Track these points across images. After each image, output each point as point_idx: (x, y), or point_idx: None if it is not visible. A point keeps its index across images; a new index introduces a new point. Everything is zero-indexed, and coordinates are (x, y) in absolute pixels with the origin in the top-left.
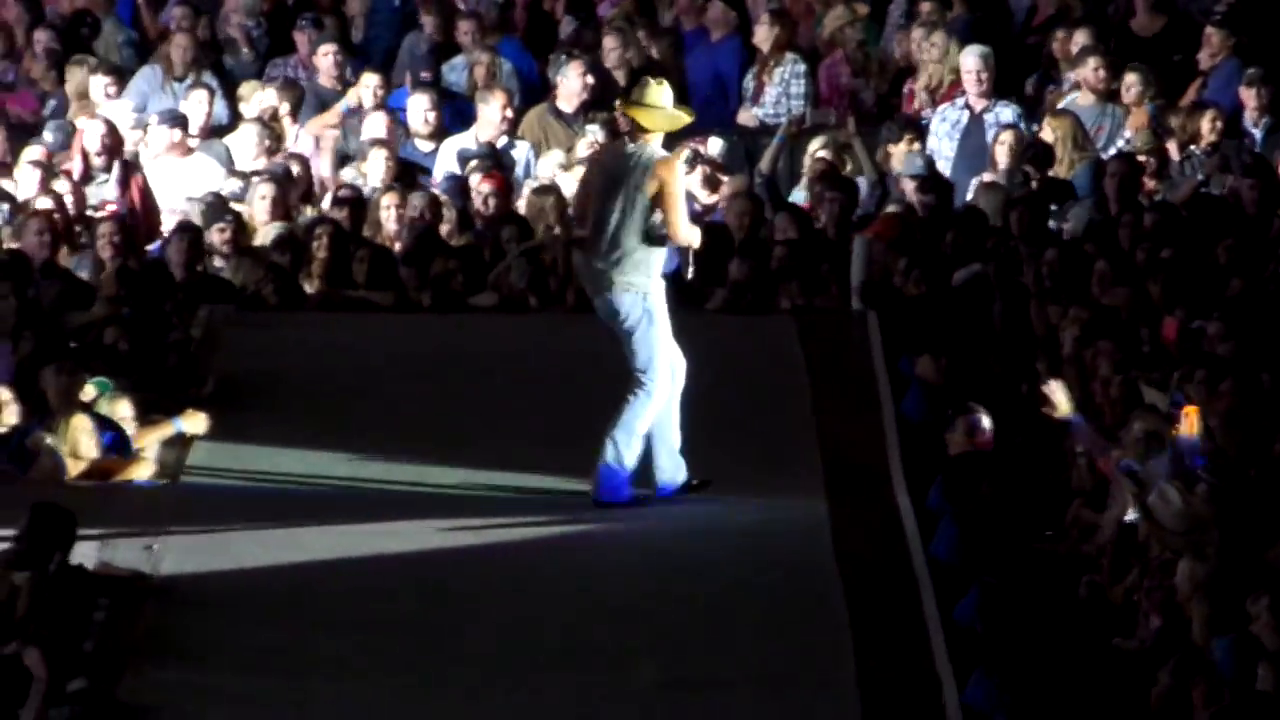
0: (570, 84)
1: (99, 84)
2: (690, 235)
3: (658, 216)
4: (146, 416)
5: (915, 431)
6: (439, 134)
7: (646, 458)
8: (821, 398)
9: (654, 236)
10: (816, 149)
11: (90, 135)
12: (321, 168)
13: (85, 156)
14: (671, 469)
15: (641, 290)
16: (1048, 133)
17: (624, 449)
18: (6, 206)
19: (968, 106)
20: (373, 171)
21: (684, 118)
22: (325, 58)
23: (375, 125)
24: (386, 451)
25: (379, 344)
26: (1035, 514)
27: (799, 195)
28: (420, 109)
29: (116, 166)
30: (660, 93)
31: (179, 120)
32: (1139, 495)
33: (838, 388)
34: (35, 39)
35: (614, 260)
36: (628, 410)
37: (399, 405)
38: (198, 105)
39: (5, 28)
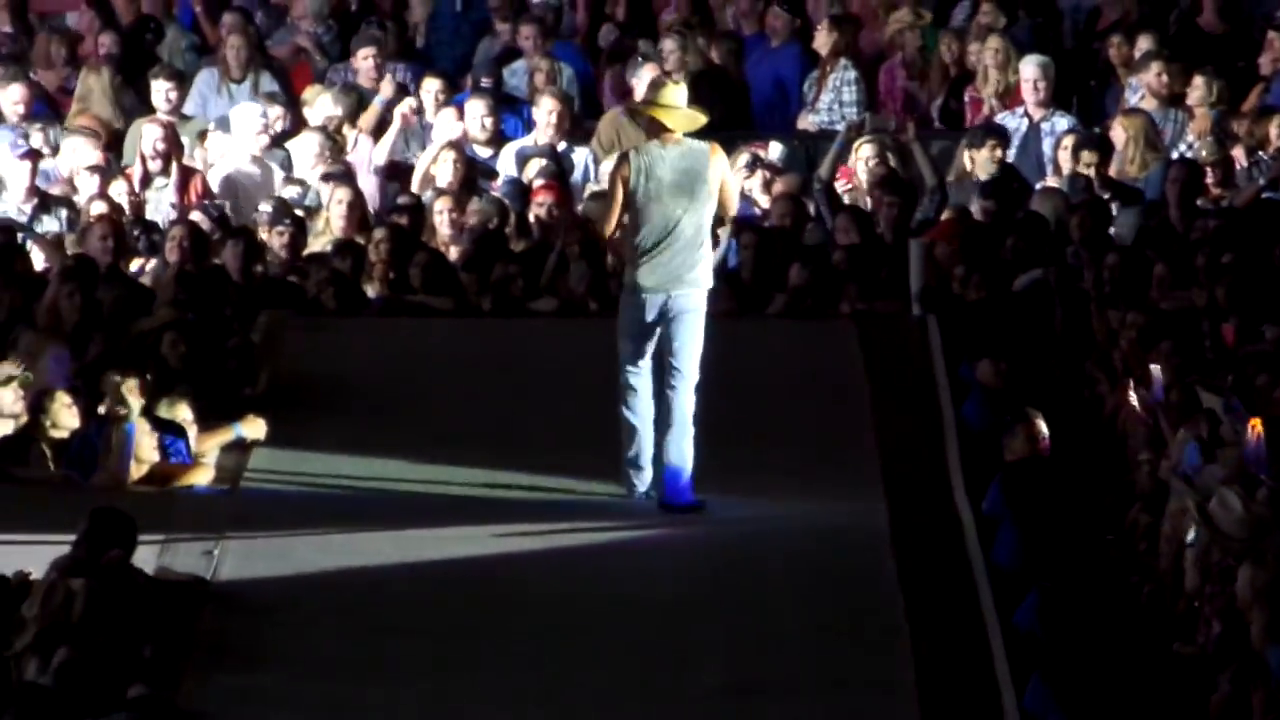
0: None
1: (160, 88)
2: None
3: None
4: (206, 422)
5: (975, 437)
6: (496, 140)
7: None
8: (881, 402)
9: (713, 230)
10: (868, 155)
11: (148, 139)
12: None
13: (144, 161)
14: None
15: (709, 287)
16: (1118, 132)
17: (687, 449)
18: (65, 212)
19: (1026, 115)
20: (441, 173)
21: (701, 117)
22: (365, 60)
23: (446, 126)
24: (446, 455)
25: (439, 348)
26: (1095, 519)
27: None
28: (477, 114)
29: (175, 170)
30: (676, 92)
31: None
32: (1199, 502)
33: (897, 392)
34: (100, 43)
35: (685, 259)
36: (681, 409)
37: (459, 410)
38: (252, 112)
39: (71, 35)
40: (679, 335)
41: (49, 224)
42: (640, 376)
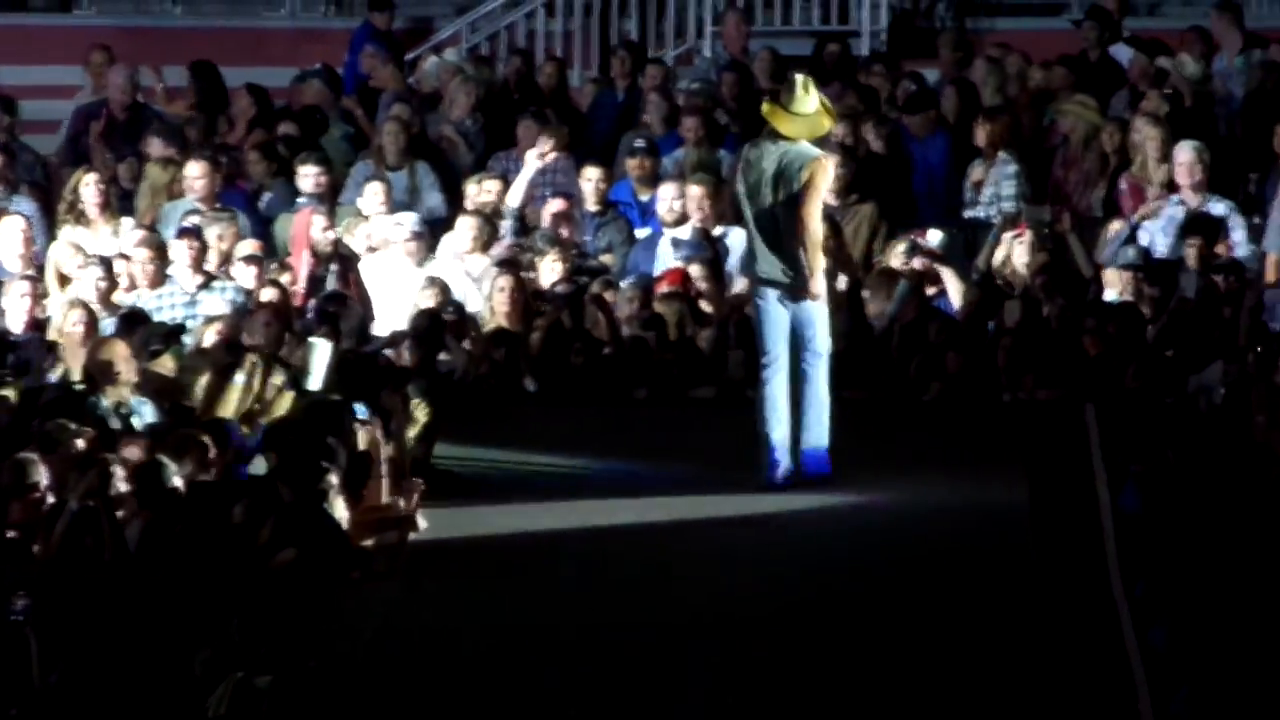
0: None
1: (309, 174)
2: (817, 230)
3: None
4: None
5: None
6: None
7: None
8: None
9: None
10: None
11: (316, 228)
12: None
13: (313, 249)
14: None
15: (823, 270)
16: None
17: (826, 423)
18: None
19: (1183, 203)
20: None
21: (825, 124)
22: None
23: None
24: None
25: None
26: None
27: None
28: (668, 197)
29: (336, 261)
30: (807, 100)
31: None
32: None
33: (1055, 479)
34: (278, 130)
35: (792, 252)
36: (818, 386)
37: None
38: (373, 198)
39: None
40: (806, 320)
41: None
42: (776, 361)
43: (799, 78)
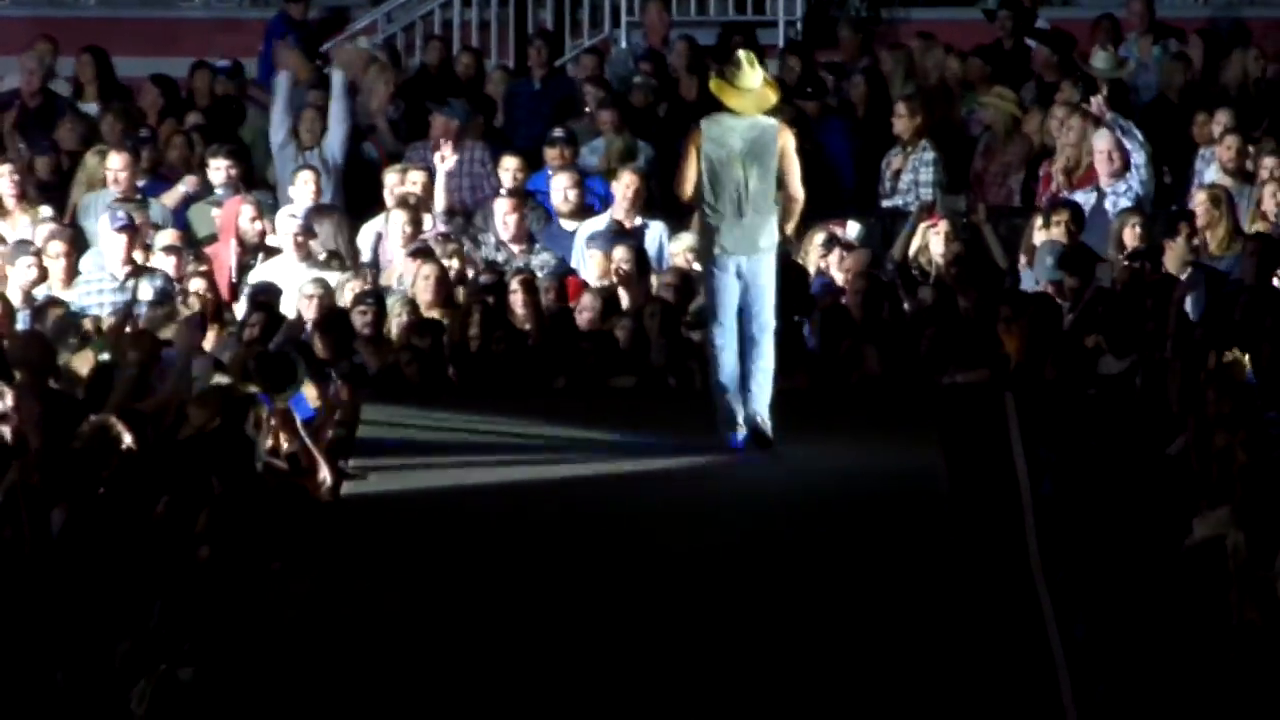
0: None
1: (220, 165)
2: (801, 193)
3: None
4: None
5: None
6: (579, 212)
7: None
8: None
9: (778, 199)
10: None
11: (245, 218)
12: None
13: (240, 238)
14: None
15: (775, 248)
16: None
17: (770, 391)
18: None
19: (1097, 189)
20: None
21: (770, 98)
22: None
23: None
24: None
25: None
26: None
27: None
28: (562, 187)
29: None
30: (753, 75)
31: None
32: None
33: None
34: (187, 122)
35: (757, 224)
36: (765, 357)
37: None
38: (304, 186)
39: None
40: (757, 293)
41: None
42: (725, 332)
43: (742, 53)
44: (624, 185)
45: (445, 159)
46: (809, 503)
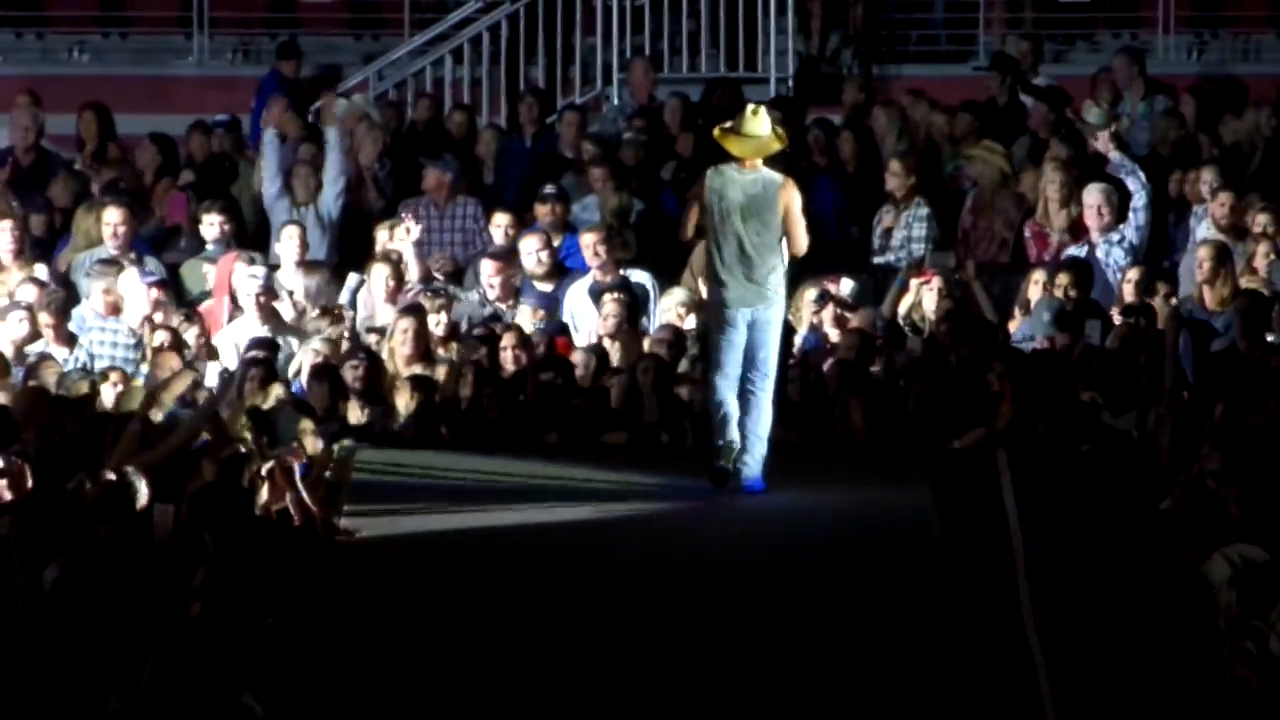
0: None
1: (213, 221)
2: (803, 249)
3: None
4: None
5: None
6: (555, 273)
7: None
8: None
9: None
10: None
11: (239, 276)
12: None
13: (233, 297)
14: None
15: (783, 300)
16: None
17: (766, 435)
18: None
19: (1089, 244)
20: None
21: (773, 145)
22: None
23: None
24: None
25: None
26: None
27: None
28: (532, 249)
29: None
30: (758, 122)
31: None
32: None
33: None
34: (183, 179)
35: (764, 275)
36: (764, 403)
37: None
38: (289, 241)
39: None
40: (762, 342)
41: None
42: (727, 379)
43: (750, 105)
44: (586, 246)
45: (411, 231)
46: (803, 550)
